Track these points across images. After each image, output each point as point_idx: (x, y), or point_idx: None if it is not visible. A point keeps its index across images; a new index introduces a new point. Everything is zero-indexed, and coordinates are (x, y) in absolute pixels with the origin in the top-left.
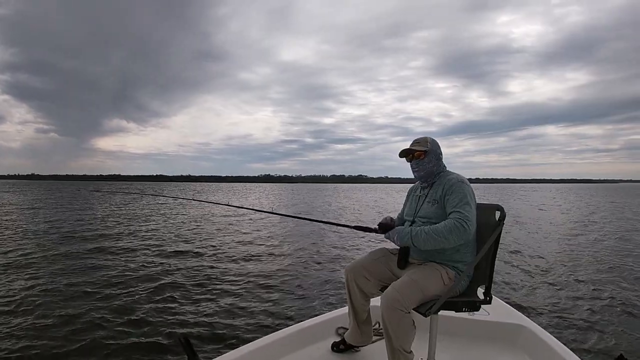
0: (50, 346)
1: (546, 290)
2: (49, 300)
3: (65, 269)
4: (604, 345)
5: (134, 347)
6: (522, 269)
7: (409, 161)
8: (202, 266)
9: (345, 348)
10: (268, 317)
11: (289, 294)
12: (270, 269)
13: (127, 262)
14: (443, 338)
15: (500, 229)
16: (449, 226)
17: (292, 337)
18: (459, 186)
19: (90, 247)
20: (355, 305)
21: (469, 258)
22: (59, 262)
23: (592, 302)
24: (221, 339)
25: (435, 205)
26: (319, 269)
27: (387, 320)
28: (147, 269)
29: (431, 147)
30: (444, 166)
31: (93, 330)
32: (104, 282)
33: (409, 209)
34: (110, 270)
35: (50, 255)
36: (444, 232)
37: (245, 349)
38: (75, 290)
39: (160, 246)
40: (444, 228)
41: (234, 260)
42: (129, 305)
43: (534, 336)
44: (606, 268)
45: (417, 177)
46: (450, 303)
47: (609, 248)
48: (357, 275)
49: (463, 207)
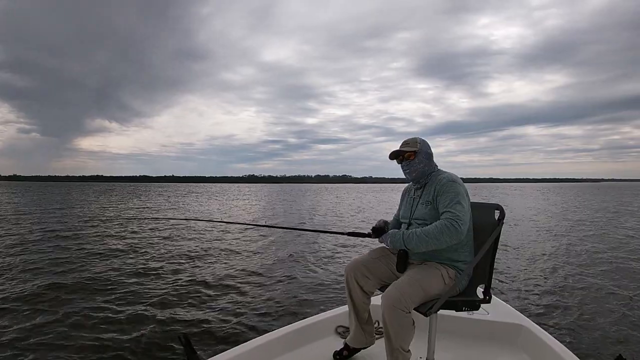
0: (50, 346)
1: (545, 289)
2: (48, 300)
3: (65, 269)
4: (603, 345)
5: (134, 346)
6: (521, 268)
7: (400, 162)
8: (202, 266)
9: (349, 354)
10: (268, 316)
11: (289, 293)
12: (270, 269)
13: (126, 262)
14: (442, 337)
15: (500, 229)
16: (441, 227)
17: (292, 336)
18: (450, 186)
19: (90, 247)
20: (356, 304)
21: (467, 257)
22: (59, 262)
23: (592, 302)
24: (221, 337)
25: (429, 207)
26: (317, 269)
27: (388, 319)
28: (146, 269)
29: (421, 148)
30: (435, 166)
31: (93, 330)
32: (104, 282)
33: (404, 211)
34: (110, 270)
35: (50, 254)
36: (436, 233)
37: (245, 347)
38: (75, 290)
39: (160, 246)
40: (436, 229)
41: (234, 261)
42: (129, 304)
43: (533, 336)
44: (605, 268)
45: (408, 179)
46: (450, 302)
47: (609, 247)
48: (358, 274)
49: (454, 206)
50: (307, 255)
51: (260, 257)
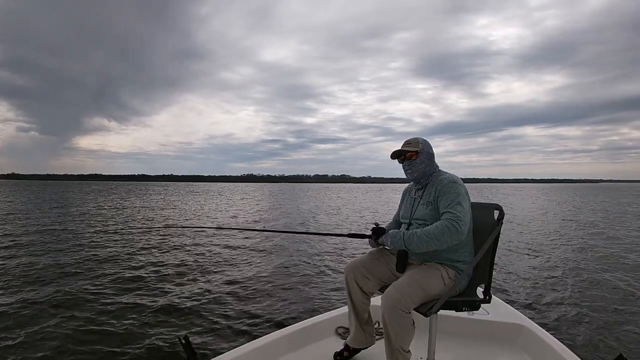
0: (49, 347)
1: (545, 289)
2: (47, 300)
3: (64, 269)
4: (603, 344)
5: (134, 347)
6: (521, 268)
7: (401, 162)
8: (201, 269)
9: (349, 355)
10: (268, 317)
11: (289, 294)
12: (270, 271)
13: (126, 262)
14: (443, 337)
15: (499, 229)
16: (441, 228)
17: (292, 337)
18: (450, 186)
19: (89, 248)
20: (356, 305)
21: (467, 257)
22: (58, 261)
23: (592, 302)
24: (221, 339)
25: (429, 207)
26: (317, 270)
27: (388, 320)
28: (146, 269)
29: (423, 148)
30: (436, 166)
31: (93, 330)
32: (104, 282)
33: (405, 211)
34: (109, 270)
35: (48, 255)
36: (436, 234)
37: (245, 348)
38: (74, 290)
39: (159, 247)
40: (436, 230)
41: (234, 263)
42: (129, 305)
43: (534, 335)
44: (605, 267)
45: (409, 179)
46: (450, 303)
47: (608, 247)
48: (357, 274)
49: (455, 207)
50: (307, 256)
51: (260, 259)
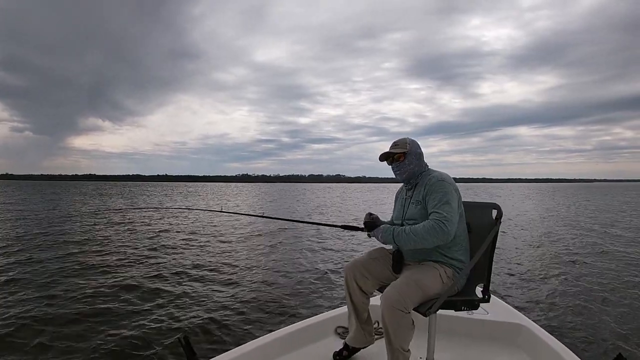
0: (49, 347)
1: (545, 288)
2: (46, 300)
3: (63, 269)
4: (603, 344)
5: (135, 347)
6: (520, 267)
7: (390, 164)
8: (201, 269)
9: (349, 354)
10: (267, 317)
11: (288, 294)
12: (269, 271)
13: (126, 262)
14: (442, 337)
15: (498, 228)
16: (428, 227)
17: (291, 337)
18: (439, 185)
19: (88, 247)
20: (356, 304)
21: (462, 256)
22: (57, 261)
23: (591, 301)
24: (220, 339)
25: (419, 207)
26: (316, 270)
27: (388, 320)
28: (146, 269)
29: (410, 148)
30: (426, 165)
31: (92, 330)
32: (103, 282)
33: (397, 212)
34: (109, 270)
35: (47, 255)
36: (423, 233)
37: (245, 348)
38: (74, 290)
39: (159, 247)
40: (423, 229)
41: (232, 261)
42: (129, 305)
43: (533, 335)
44: (604, 266)
45: (399, 180)
46: (449, 302)
47: (607, 246)
48: (357, 274)
49: (442, 207)
50: (307, 256)
51: (260, 260)
